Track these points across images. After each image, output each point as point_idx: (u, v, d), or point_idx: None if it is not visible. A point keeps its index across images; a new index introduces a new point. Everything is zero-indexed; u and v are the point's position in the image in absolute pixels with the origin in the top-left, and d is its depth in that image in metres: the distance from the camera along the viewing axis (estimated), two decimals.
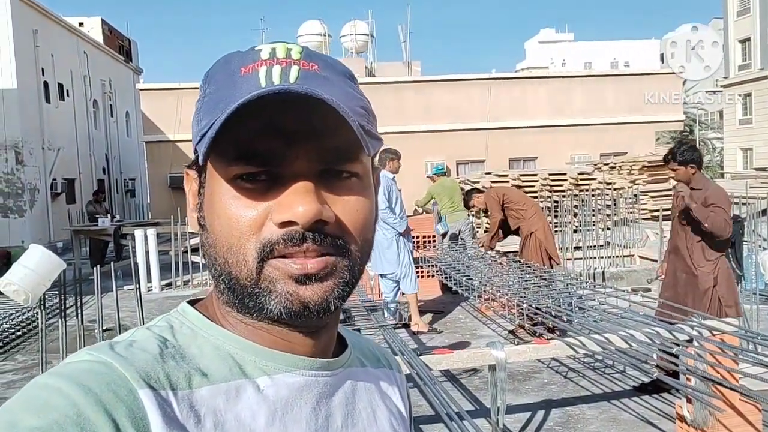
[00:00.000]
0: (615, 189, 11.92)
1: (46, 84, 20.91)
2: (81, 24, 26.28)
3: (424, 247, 8.67)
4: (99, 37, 27.05)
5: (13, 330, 6.90)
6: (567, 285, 5.28)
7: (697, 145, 5.80)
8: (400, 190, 7.20)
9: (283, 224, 0.54)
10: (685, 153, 4.47)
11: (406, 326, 6.74)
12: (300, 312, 0.55)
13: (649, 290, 8.04)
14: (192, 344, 0.57)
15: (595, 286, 5.46)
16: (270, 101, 0.52)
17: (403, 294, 6.66)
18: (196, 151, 0.57)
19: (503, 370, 3.57)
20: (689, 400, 3.62)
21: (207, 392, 0.54)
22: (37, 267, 4.20)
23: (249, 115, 0.52)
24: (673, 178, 4.71)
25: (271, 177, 0.55)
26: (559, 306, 4.45)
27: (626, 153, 17.66)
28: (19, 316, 7.15)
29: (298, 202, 0.54)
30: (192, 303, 0.63)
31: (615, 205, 11.30)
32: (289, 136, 0.54)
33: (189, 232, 10.07)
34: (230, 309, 0.59)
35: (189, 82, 18.69)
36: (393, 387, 0.73)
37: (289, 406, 0.58)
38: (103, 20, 28.26)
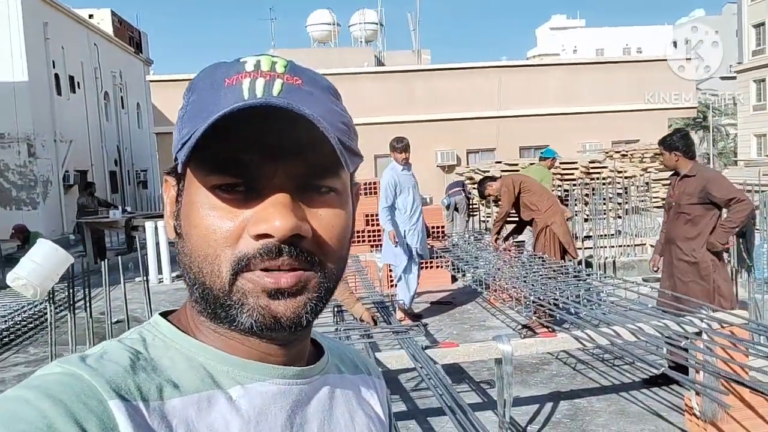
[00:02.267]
0: (626, 177, 11.81)
1: (57, 76, 21.03)
2: (91, 16, 26.35)
3: (433, 237, 8.63)
4: (109, 29, 27.12)
5: (25, 322, 6.97)
6: (575, 276, 5.23)
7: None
8: (415, 181, 6.97)
9: (259, 236, 0.54)
10: (673, 140, 4.55)
11: (416, 316, 6.74)
12: (271, 326, 0.55)
13: (659, 280, 7.96)
14: (164, 356, 0.57)
15: (605, 277, 5.41)
16: (252, 114, 0.52)
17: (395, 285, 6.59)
18: (176, 159, 0.58)
19: (509, 364, 3.55)
20: (698, 393, 3.59)
21: (179, 403, 0.54)
22: (44, 261, 4.23)
23: (230, 127, 0.52)
24: (660, 162, 4.76)
25: (249, 189, 0.55)
26: (567, 298, 4.41)
27: (638, 140, 17.50)
28: (30, 308, 7.21)
29: (275, 216, 0.53)
30: (165, 315, 0.63)
31: (626, 193, 11.20)
32: (269, 149, 0.54)
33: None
34: (204, 319, 0.59)
35: None
36: (371, 392, 0.73)
37: (263, 415, 0.58)
38: (113, 12, 28.32)
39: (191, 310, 0.61)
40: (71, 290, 4.83)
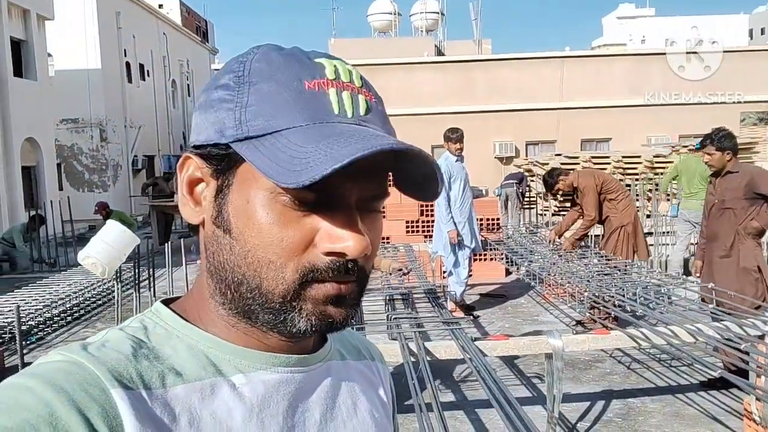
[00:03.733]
0: None
1: (128, 64, 21.87)
2: (161, 6, 27.22)
3: (487, 229, 8.57)
4: (177, 19, 27.96)
5: (94, 299, 7.34)
6: (634, 274, 5.12)
7: None
8: (466, 173, 6.99)
9: (332, 253, 0.54)
10: (723, 139, 4.47)
11: (469, 309, 6.74)
12: (325, 328, 0.57)
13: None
14: (166, 344, 0.57)
15: (665, 275, 5.27)
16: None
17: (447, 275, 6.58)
18: (223, 146, 0.55)
19: (560, 359, 3.52)
20: (758, 398, 3.46)
21: (181, 391, 0.54)
22: (113, 242, 4.44)
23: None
24: (707, 162, 4.61)
25: (319, 200, 0.54)
26: (623, 296, 4.32)
27: None
28: (99, 286, 7.59)
29: (350, 237, 0.54)
30: (167, 302, 0.63)
31: None
32: (356, 170, 0.52)
33: None
34: (221, 309, 0.59)
35: None
36: (374, 378, 0.74)
37: (266, 403, 0.58)
38: (181, 2, 29.16)
39: (202, 300, 0.61)
40: (137, 270, 5.06)
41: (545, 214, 11.93)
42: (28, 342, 5.39)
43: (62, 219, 11.77)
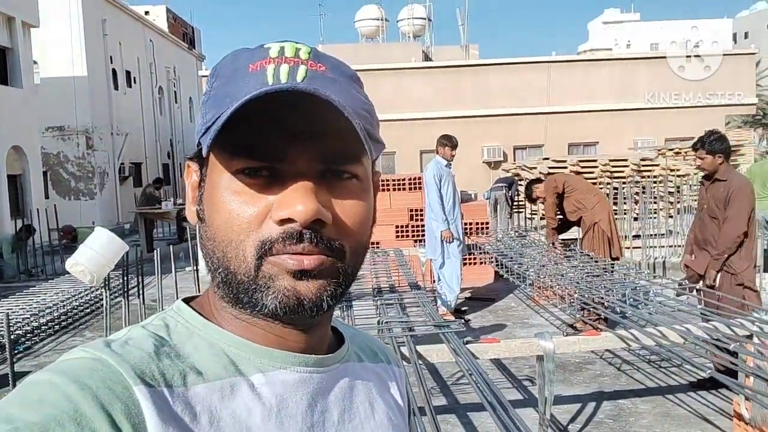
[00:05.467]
0: (679, 175, 11.48)
1: (114, 71, 21.73)
2: (147, 12, 27.11)
3: (477, 233, 8.59)
4: (164, 25, 27.85)
5: (82, 307, 7.27)
6: (622, 275, 5.15)
7: None
8: (453, 176, 7.10)
9: (282, 221, 0.55)
10: (714, 143, 4.43)
11: (460, 312, 6.74)
12: (294, 308, 0.56)
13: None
14: (187, 343, 0.58)
15: (654, 277, 5.30)
16: (276, 98, 0.53)
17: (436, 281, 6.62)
18: (199, 144, 0.59)
19: (551, 361, 3.53)
20: (748, 398, 3.49)
21: (202, 390, 0.55)
22: (102, 249, 4.41)
23: (254, 112, 0.53)
24: (699, 166, 4.61)
25: (273, 174, 0.56)
26: (612, 298, 4.35)
27: (693, 138, 16.96)
28: (88, 294, 7.52)
29: (297, 201, 0.54)
30: (188, 300, 0.64)
31: (679, 192, 10.89)
32: (293, 134, 0.55)
33: None
34: (225, 304, 0.60)
35: None
36: (391, 381, 0.74)
37: (285, 403, 0.58)
38: (167, 9, 29.05)
39: (213, 296, 0.62)
40: (125, 278, 5.02)
41: (533, 218, 11.99)
42: (16, 351, 5.33)
43: (48, 227, 11.66)
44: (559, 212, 6.50)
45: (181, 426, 0.52)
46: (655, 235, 9.46)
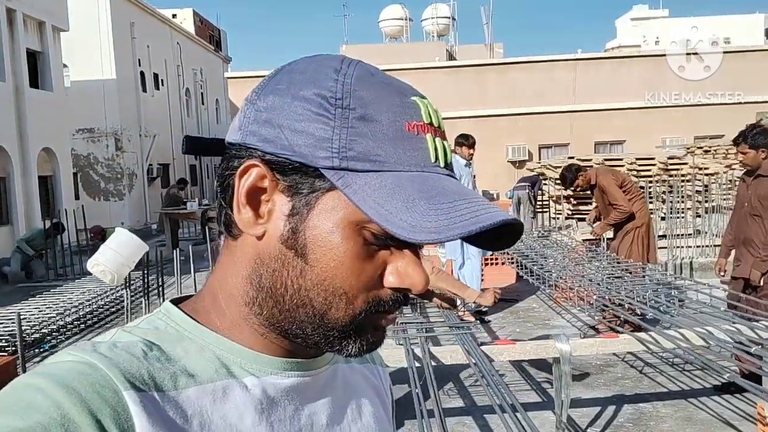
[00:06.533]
0: (708, 174, 11.23)
1: (142, 74, 22.09)
2: (174, 15, 27.51)
3: None
4: (191, 28, 28.23)
5: (108, 307, 7.39)
6: (644, 276, 5.05)
7: None
8: (474, 177, 7.09)
9: (398, 289, 0.56)
10: (757, 137, 4.25)
11: (480, 313, 6.69)
12: (367, 351, 0.59)
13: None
14: (177, 345, 0.57)
15: (676, 278, 5.20)
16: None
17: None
18: (311, 167, 0.53)
19: (568, 363, 3.48)
20: None
21: (193, 393, 0.54)
22: (121, 249, 4.48)
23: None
24: (741, 162, 4.45)
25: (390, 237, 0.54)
26: (633, 299, 4.27)
27: (723, 136, 16.59)
28: (113, 293, 7.65)
29: (416, 274, 0.56)
30: (176, 302, 0.62)
31: (707, 191, 10.66)
32: None
33: None
34: (255, 318, 0.58)
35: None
36: (377, 382, 0.74)
37: (275, 407, 0.58)
38: (194, 11, 29.44)
39: (230, 301, 0.59)
40: (146, 278, 5.08)
41: (558, 218, 11.85)
42: (41, 350, 5.44)
43: (76, 228, 11.90)
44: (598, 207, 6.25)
45: (171, 430, 0.51)
46: (682, 235, 9.28)
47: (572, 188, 6.61)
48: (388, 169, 0.53)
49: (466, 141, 6.47)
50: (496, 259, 8.03)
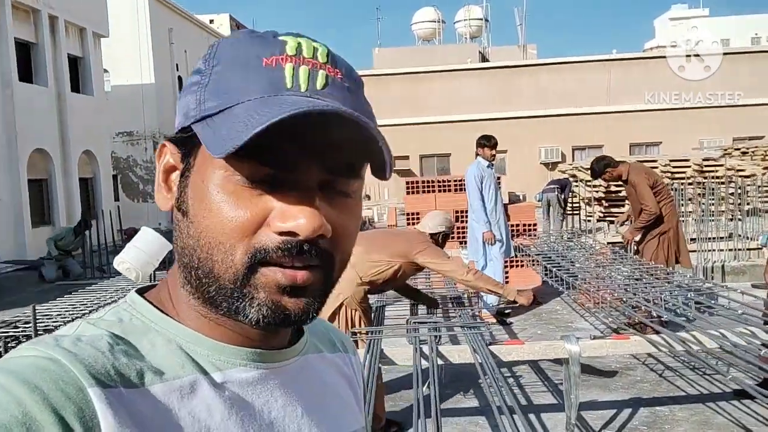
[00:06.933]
0: (744, 176, 10.97)
1: (180, 78, 22.61)
2: (211, 21, 28.10)
3: (521, 235, 8.48)
4: (227, 33, 28.74)
5: None
6: (663, 279, 4.98)
7: None
8: (499, 179, 7.09)
9: (283, 233, 0.52)
10: None
11: (502, 314, 6.69)
12: (279, 322, 0.54)
13: None
14: (143, 338, 0.55)
15: (695, 280, 5.11)
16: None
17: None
18: (188, 129, 0.55)
19: (577, 364, 3.48)
20: None
21: (160, 389, 0.52)
22: (146, 247, 4.63)
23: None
24: None
25: (275, 179, 0.53)
26: (651, 302, 4.22)
27: (763, 137, 16.14)
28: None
29: (302, 214, 0.52)
30: (141, 291, 0.61)
31: (744, 193, 10.40)
32: (308, 145, 0.52)
33: None
34: (193, 301, 0.57)
35: None
36: (349, 371, 0.73)
37: (244, 401, 0.57)
38: (231, 17, 30.00)
39: (175, 288, 0.59)
40: None
41: (590, 220, 11.70)
42: None
43: (113, 228, 12.27)
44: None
45: (138, 427, 0.50)
46: (715, 238, 9.08)
47: (603, 179, 6.46)
48: (236, 102, 0.52)
49: (488, 142, 6.48)
50: (520, 260, 8.00)
